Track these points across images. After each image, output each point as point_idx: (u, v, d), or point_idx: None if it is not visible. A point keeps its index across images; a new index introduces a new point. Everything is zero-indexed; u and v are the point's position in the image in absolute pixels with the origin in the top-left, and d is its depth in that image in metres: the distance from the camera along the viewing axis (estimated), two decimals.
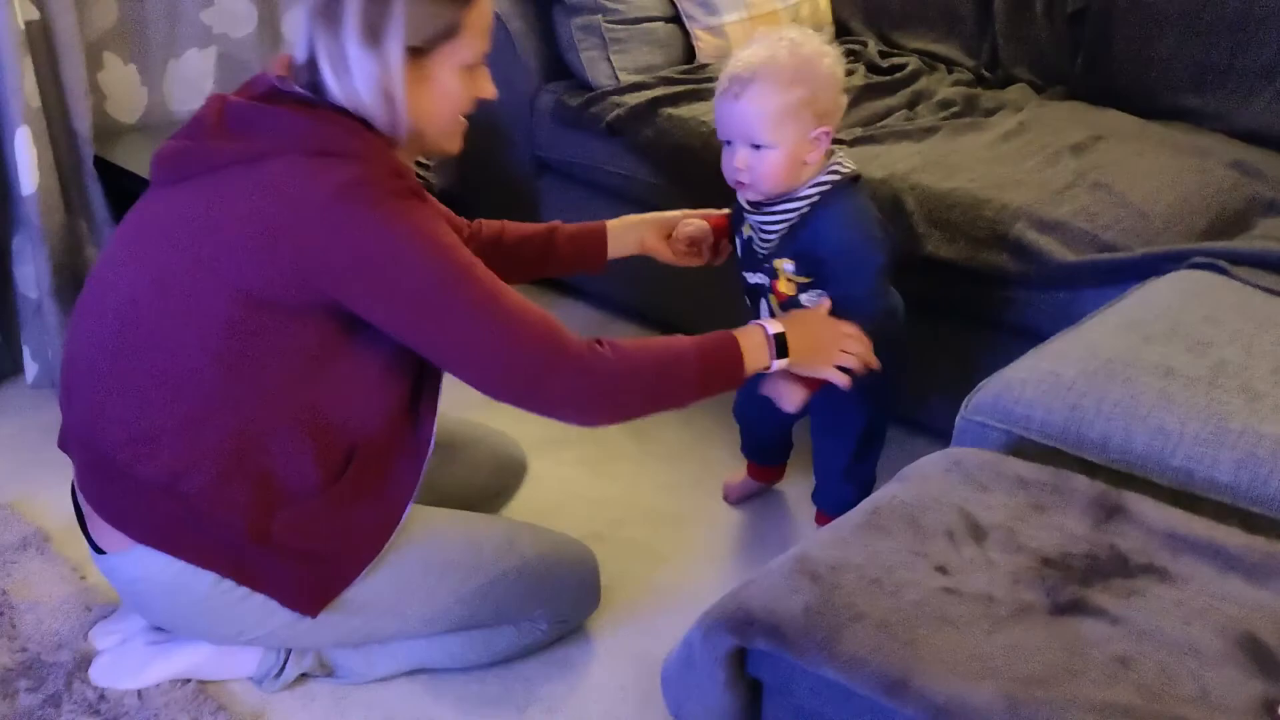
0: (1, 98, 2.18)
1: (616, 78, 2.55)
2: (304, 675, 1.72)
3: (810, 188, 1.72)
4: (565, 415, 1.53)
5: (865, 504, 1.37)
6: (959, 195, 2.03)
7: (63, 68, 2.28)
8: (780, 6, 2.69)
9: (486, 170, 2.84)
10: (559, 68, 2.64)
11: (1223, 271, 1.77)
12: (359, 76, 1.44)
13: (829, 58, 1.70)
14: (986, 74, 2.62)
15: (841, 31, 2.84)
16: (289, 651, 1.70)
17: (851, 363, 1.66)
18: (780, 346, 1.61)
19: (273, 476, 1.51)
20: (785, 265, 1.75)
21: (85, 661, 1.73)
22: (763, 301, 1.84)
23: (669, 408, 1.58)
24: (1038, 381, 1.53)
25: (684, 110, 2.41)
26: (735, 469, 2.21)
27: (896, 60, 2.67)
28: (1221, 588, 1.21)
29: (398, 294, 1.43)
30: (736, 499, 2.15)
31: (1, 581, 1.89)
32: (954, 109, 2.41)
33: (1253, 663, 1.12)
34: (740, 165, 1.69)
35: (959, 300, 2.07)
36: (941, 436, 2.11)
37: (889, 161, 2.16)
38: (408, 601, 1.63)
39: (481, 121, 2.77)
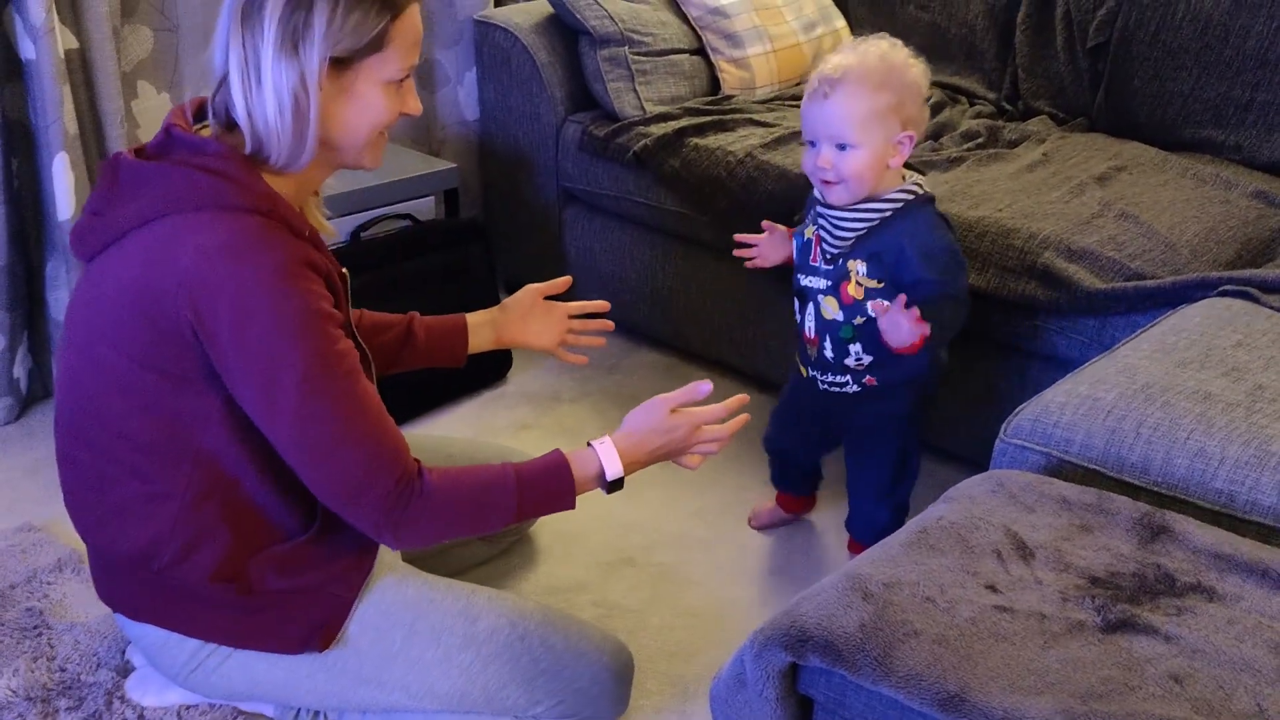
0: (42, 124, 2.21)
1: (643, 108, 2.58)
2: None
3: (897, 192, 1.76)
4: (377, 538, 1.48)
5: (913, 524, 1.38)
6: (988, 224, 2.06)
7: (99, 96, 2.31)
8: (803, 40, 2.73)
9: (512, 200, 2.87)
10: (585, 98, 2.68)
11: (1253, 299, 1.79)
12: (271, 87, 1.38)
13: (916, 68, 1.76)
14: (1008, 106, 2.66)
15: None
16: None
17: (711, 449, 1.61)
18: (614, 484, 1.58)
19: (240, 534, 1.49)
20: (858, 267, 1.76)
21: (123, 681, 1.74)
22: (810, 306, 1.84)
23: (484, 534, 1.60)
24: (1076, 405, 1.55)
25: (710, 140, 2.44)
26: (762, 495, 2.22)
27: None
28: (1271, 606, 1.22)
29: (253, 368, 1.38)
30: (761, 526, 2.16)
31: (39, 603, 1.90)
32: (978, 140, 2.44)
33: None
34: (825, 165, 1.72)
35: (988, 328, 2.09)
36: (971, 463, 2.13)
37: None
38: (389, 666, 1.56)
39: (507, 152, 2.82)
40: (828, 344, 1.83)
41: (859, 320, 1.78)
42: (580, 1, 2.59)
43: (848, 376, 1.84)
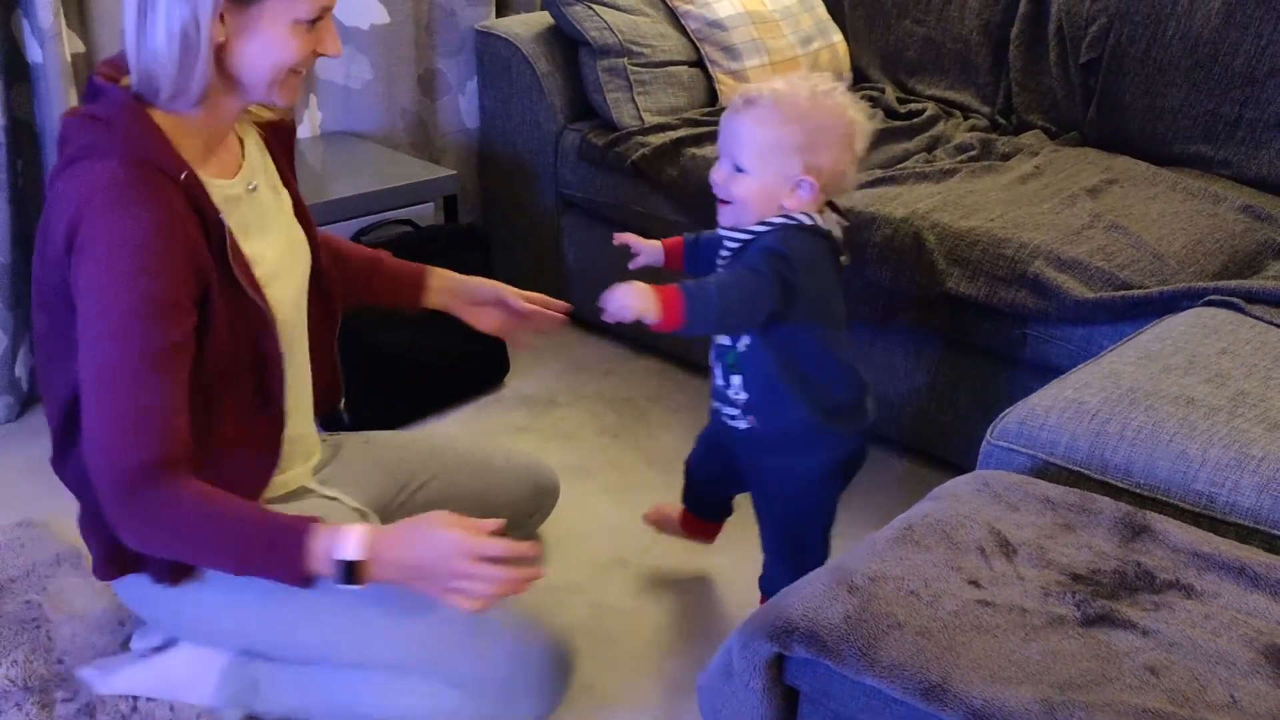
0: (48, 126, 2.24)
1: (641, 118, 2.62)
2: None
3: (778, 218, 1.64)
4: (105, 514, 1.44)
5: (898, 520, 1.41)
6: (979, 234, 2.09)
7: None
8: (800, 53, 2.77)
9: (511, 208, 2.90)
10: (584, 108, 2.71)
11: (1238, 309, 1.82)
12: (163, 17, 1.39)
13: (847, 121, 1.64)
14: (1001, 120, 2.69)
15: (859, 78, 2.92)
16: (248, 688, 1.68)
17: (470, 605, 1.43)
18: (347, 572, 1.42)
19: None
20: None
21: None
22: (718, 365, 1.73)
23: (215, 568, 1.51)
24: (1062, 408, 1.58)
25: (707, 150, 2.47)
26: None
27: (914, 106, 2.74)
28: (1247, 603, 1.25)
29: (82, 295, 1.42)
30: (653, 524, 2.05)
31: (38, 596, 1.92)
32: (971, 153, 2.48)
33: None
34: (717, 179, 1.66)
35: (978, 336, 2.12)
36: (959, 469, 2.15)
37: (909, 201, 2.22)
38: (333, 615, 1.55)
39: (507, 159, 2.85)
40: (718, 370, 1.74)
41: (742, 347, 1.68)
42: (581, 13, 2.63)
43: (736, 409, 1.73)
